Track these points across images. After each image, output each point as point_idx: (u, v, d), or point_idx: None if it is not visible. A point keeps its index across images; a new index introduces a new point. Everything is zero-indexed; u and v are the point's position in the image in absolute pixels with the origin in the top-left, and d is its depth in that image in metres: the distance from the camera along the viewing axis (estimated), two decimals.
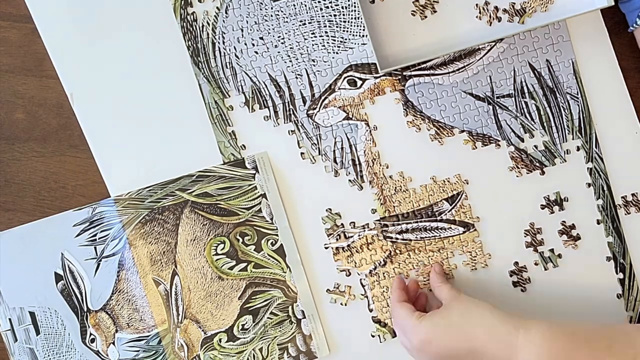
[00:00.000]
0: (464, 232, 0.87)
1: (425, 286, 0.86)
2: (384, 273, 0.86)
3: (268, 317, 0.86)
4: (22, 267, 0.85)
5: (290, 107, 0.86)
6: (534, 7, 0.84)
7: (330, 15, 0.85)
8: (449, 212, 0.86)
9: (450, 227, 0.87)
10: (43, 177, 0.87)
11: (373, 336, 0.87)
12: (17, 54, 0.86)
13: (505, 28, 0.84)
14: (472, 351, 0.72)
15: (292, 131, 0.86)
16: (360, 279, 0.86)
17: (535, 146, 0.86)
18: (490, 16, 0.84)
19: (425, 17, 0.85)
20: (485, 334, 0.72)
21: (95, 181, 0.86)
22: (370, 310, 0.87)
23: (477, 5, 0.84)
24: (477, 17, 0.85)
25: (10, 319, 0.86)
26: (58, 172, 0.87)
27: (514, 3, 0.84)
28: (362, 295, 0.86)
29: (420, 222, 0.86)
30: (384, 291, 0.86)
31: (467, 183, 0.86)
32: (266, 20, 0.85)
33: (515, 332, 0.71)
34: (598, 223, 0.86)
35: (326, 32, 0.85)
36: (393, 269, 0.86)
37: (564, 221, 0.86)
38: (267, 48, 0.85)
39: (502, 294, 0.86)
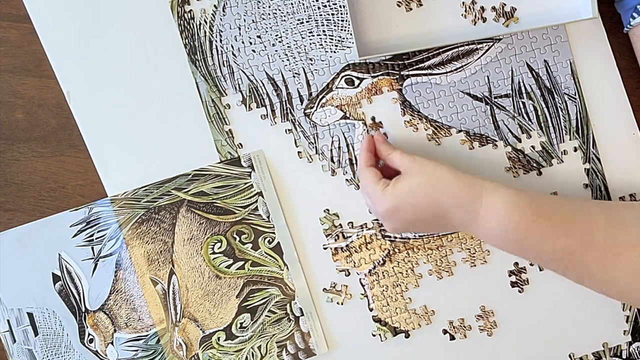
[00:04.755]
0: None
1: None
2: (383, 272, 0.86)
3: (266, 315, 0.87)
4: (20, 268, 0.85)
5: (288, 106, 0.85)
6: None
7: (328, 14, 0.84)
8: None
9: None
10: (43, 177, 0.87)
11: (374, 335, 0.87)
12: (16, 54, 0.86)
13: (489, 29, 0.85)
14: (437, 216, 0.74)
15: (289, 130, 0.86)
16: (360, 279, 0.87)
17: (533, 147, 0.86)
18: (475, 16, 0.84)
19: (411, 9, 0.84)
20: (450, 199, 0.73)
21: (95, 181, 0.86)
22: (371, 310, 0.87)
23: (463, 3, 0.84)
24: (462, 15, 0.84)
25: (8, 320, 0.86)
26: (57, 172, 0.87)
27: (505, 4, 0.84)
28: (361, 294, 0.87)
29: None
30: (383, 290, 0.87)
31: None
32: (264, 19, 0.84)
33: (478, 198, 0.72)
34: None
35: (324, 30, 0.84)
36: (392, 267, 0.86)
37: None
38: (265, 46, 0.85)
39: (501, 293, 0.87)
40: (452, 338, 0.87)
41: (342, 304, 0.87)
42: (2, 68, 0.86)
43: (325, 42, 0.85)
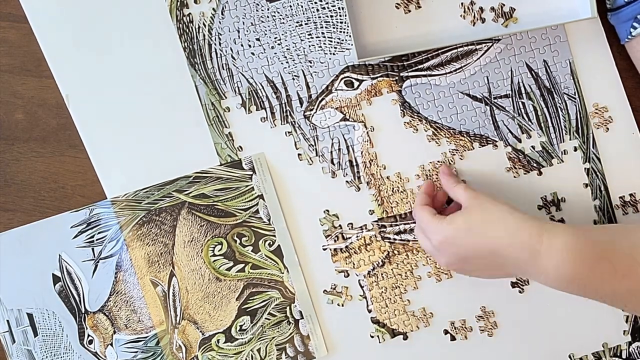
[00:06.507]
0: None
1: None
2: (382, 274, 0.86)
3: (266, 318, 0.86)
4: (20, 269, 0.86)
5: (287, 108, 0.86)
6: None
7: (327, 17, 0.84)
8: None
9: None
10: (42, 177, 0.87)
11: (372, 337, 0.87)
12: (16, 54, 0.87)
13: (488, 29, 0.85)
14: (493, 253, 0.73)
15: (289, 132, 0.86)
16: (359, 280, 0.86)
17: (533, 147, 0.85)
18: (474, 16, 0.84)
19: (409, 11, 0.85)
20: (507, 237, 0.72)
21: (95, 181, 0.86)
22: (369, 311, 0.87)
23: (462, 4, 0.85)
24: (461, 15, 0.85)
25: (8, 321, 0.86)
26: (57, 172, 0.87)
27: (504, 4, 0.84)
28: (360, 296, 0.86)
29: None
30: (382, 292, 0.86)
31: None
32: (262, 22, 0.85)
33: (538, 238, 0.70)
34: (595, 223, 0.86)
35: (323, 33, 0.85)
36: (391, 269, 0.86)
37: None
38: (264, 49, 0.85)
39: (499, 293, 0.86)
40: (453, 339, 0.86)
41: (342, 305, 0.86)
42: (2, 68, 0.87)
43: (324, 44, 0.85)
